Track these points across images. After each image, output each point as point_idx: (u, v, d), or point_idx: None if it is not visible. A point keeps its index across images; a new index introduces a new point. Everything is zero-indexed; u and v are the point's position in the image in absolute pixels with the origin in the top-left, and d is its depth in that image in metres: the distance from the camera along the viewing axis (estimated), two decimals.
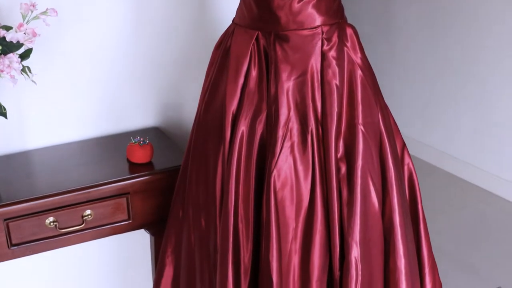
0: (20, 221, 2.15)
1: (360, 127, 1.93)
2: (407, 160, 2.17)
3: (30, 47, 2.07)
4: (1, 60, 2.00)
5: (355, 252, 1.94)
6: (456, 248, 3.58)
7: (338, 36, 1.93)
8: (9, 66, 2.01)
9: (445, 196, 4.11)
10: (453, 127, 4.34)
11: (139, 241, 2.73)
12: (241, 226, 1.95)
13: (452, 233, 3.71)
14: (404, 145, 2.17)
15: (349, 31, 1.95)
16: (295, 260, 1.99)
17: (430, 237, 2.30)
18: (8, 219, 2.13)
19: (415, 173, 2.19)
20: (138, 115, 2.60)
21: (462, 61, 4.20)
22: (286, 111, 1.90)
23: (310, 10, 1.89)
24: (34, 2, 2.04)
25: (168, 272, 2.20)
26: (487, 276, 3.34)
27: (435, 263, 2.24)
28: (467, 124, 4.25)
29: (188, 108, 2.65)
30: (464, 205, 4.02)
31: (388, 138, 2.01)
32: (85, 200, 2.21)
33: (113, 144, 2.50)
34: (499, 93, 4.01)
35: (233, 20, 2.04)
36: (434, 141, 4.50)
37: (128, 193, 2.26)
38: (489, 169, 4.14)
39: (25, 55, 2.09)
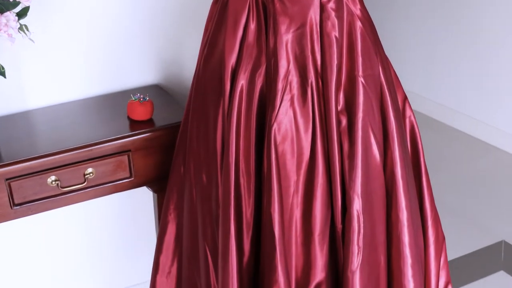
0: (21, 180, 2.15)
1: (360, 79, 1.91)
2: (408, 112, 2.16)
3: (27, 5, 2.06)
4: None
5: (357, 205, 1.94)
6: (459, 201, 3.58)
7: None
8: (6, 24, 2.00)
9: (447, 150, 4.10)
10: (456, 81, 4.32)
11: (142, 199, 2.74)
12: (242, 180, 1.95)
13: (455, 186, 3.71)
14: (405, 98, 2.15)
15: None
16: (297, 213, 1.99)
17: (433, 191, 2.30)
18: (9, 179, 2.13)
19: (417, 126, 2.18)
20: (138, 73, 2.59)
21: (464, 15, 4.17)
22: (286, 64, 1.89)
23: None
24: None
25: (171, 229, 2.21)
26: (490, 229, 3.35)
27: (438, 216, 2.24)
28: (470, 78, 4.22)
29: (188, 64, 2.64)
30: (467, 158, 4.01)
31: (389, 90, 2.00)
32: (86, 158, 2.21)
33: (113, 102, 2.49)
34: (502, 47, 3.98)
35: None
36: (437, 96, 4.48)
37: (129, 150, 2.25)
38: (493, 122, 4.12)
39: (22, 14, 2.08)
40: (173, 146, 2.26)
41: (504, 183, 3.73)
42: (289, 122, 1.91)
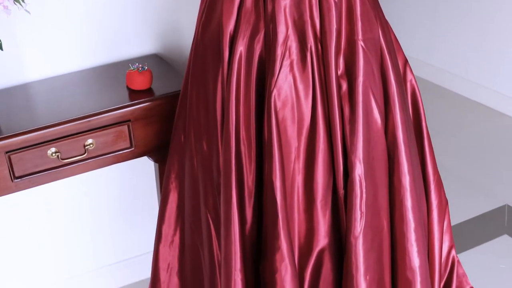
0: (22, 153, 2.14)
1: (360, 43, 1.90)
2: (409, 76, 2.14)
3: None
4: None
5: (358, 170, 1.93)
6: (462, 166, 3.57)
7: None
8: None
9: (450, 115, 4.09)
10: (457, 45, 4.30)
11: (143, 169, 2.73)
12: (243, 148, 1.94)
13: (457, 151, 3.70)
14: (406, 61, 2.14)
15: None
16: (299, 180, 1.98)
17: (436, 156, 2.29)
18: (9, 152, 2.12)
19: (418, 90, 2.17)
20: (136, 43, 2.57)
21: None
22: (284, 29, 1.87)
23: None
24: None
25: (173, 198, 2.20)
26: (493, 193, 3.34)
27: (441, 180, 2.23)
28: (472, 42, 4.20)
29: (187, 32, 2.61)
30: (469, 123, 4.00)
31: (389, 54, 1.98)
32: (86, 129, 2.20)
33: (112, 72, 2.47)
34: (503, 11, 3.95)
35: None
36: (438, 61, 4.45)
37: (129, 120, 2.24)
38: (494, 86, 4.10)
39: None
40: (173, 115, 2.25)
41: (507, 148, 3.72)
42: (289, 88, 1.90)
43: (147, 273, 2.70)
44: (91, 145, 2.21)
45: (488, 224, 3.15)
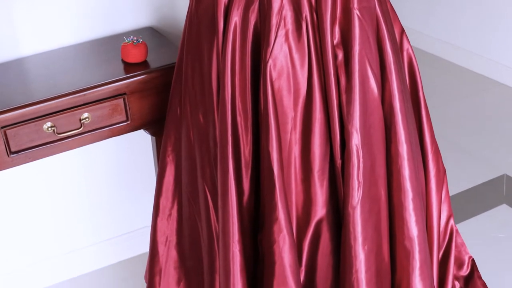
0: (17, 128, 2.13)
1: (356, 12, 1.88)
2: (406, 45, 2.12)
3: None
4: None
5: (355, 139, 1.92)
6: (460, 136, 3.57)
7: None
8: None
9: (448, 86, 4.08)
10: (453, 15, 4.27)
11: (140, 143, 2.72)
12: (239, 119, 1.93)
13: (456, 121, 3.70)
14: (402, 31, 2.12)
15: None
16: (296, 150, 1.97)
17: (433, 126, 2.28)
18: (5, 127, 2.12)
19: (415, 59, 2.15)
20: (130, 16, 2.55)
21: None
22: None
23: None
24: None
25: (170, 171, 2.19)
26: (492, 163, 3.34)
27: (438, 149, 2.22)
28: (467, 12, 4.17)
29: (181, 4, 2.60)
30: (466, 93, 3.99)
31: (385, 23, 1.96)
32: (81, 103, 2.19)
33: (107, 46, 2.46)
34: None
35: None
36: (434, 31, 4.43)
37: (125, 93, 2.23)
38: (490, 56, 4.09)
39: None
40: (169, 87, 2.24)
41: (505, 117, 3.71)
42: (285, 58, 1.88)
43: (146, 247, 2.70)
44: (87, 119, 2.20)
45: (487, 194, 3.15)
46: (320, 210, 2.02)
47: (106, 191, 2.78)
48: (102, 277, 2.81)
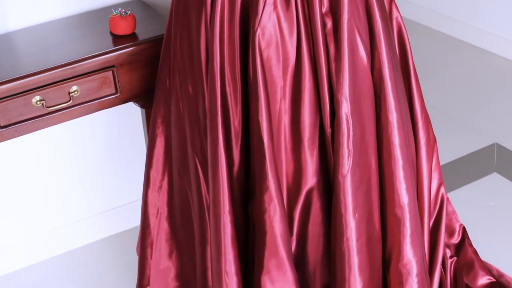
0: (6, 102, 2.12)
1: None
2: (395, 13, 2.11)
3: None
4: None
5: (345, 108, 1.91)
6: (450, 105, 3.57)
7: None
8: None
9: (438, 56, 4.07)
10: None
11: (130, 115, 2.72)
12: (228, 89, 1.92)
13: (445, 91, 3.69)
14: None
15: None
16: (285, 119, 1.97)
17: (424, 96, 2.28)
18: None
19: (405, 27, 2.14)
20: None
21: None
22: None
23: None
24: None
25: (160, 143, 2.19)
26: (482, 132, 3.34)
27: (429, 117, 2.22)
28: None
29: None
30: (456, 62, 3.98)
31: None
32: (70, 76, 2.18)
33: (95, 19, 2.44)
34: None
35: None
36: (425, 0, 4.41)
37: (114, 66, 2.22)
38: (482, 26, 4.08)
39: None
40: (157, 59, 2.23)
41: (495, 86, 3.71)
42: (273, 27, 1.87)
43: (138, 220, 2.70)
44: (76, 92, 2.19)
45: (478, 163, 3.16)
46: (310, 179, 2.02)
47: (97, 165, 2.77)
48: (94, 251, 2.81)
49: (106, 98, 2.25)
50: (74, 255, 2.80)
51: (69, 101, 2.19)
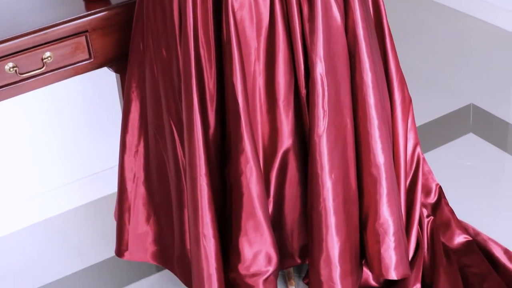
0: None
1: None
2: None
3: None
4: None
5: (319, 69, 1.91)
6: (426, 67, 3.57)
7: None
8: None
9: (414, 17, 4.06)
10: None
11: (105, 81, 2.70)
12: (202, 51, 1.92)
13: (420, 52, 3.69)
14: None
15: None
16: (260, 81, 1.97)
17: (400, 57, 2.28)
18: None
19: None
20: None
21: None
22: None
23: None
24: None
25: (135, 107, 2.18)
26: (459, 93, 3.35)
27: (404, 78, 2.23)
28: None
29: None
30: (431, 24, 3.97)
31: None
32: (43, 42, 2.16)
33: None
34: None
35: None
36: None
37: (87, 31, 2.20)
38: None
39: None
40: (131, 24, 2.21)
41: (471, 48, 3.72)
42: None
43: (116, 186, 2.69)
44: (49, 58, 2.18)
45: (454, 123, 3.17)
46: (286, 140, 2.02)
47: (73, 132, 2.76)
48: (73, 218, 2.81)
49: (80, 63, 2.23)
50: (53, 222, 2.80)
51: (42, 67, 2.17)
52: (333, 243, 2.04)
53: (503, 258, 2.39)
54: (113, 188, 2.81)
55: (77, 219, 2.81)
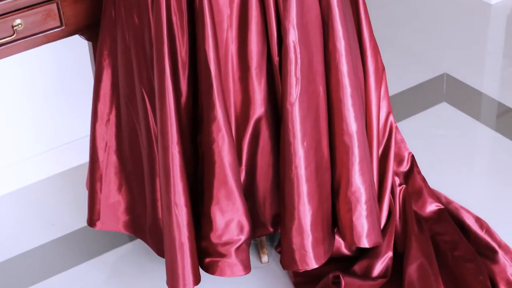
0: None
1: None
2: None
3: None
4: None
5: (292, 36, 1.91)
6: (401, 36, 3.57)
7: None
8: None
9: None
10: None
11: (77, 49, 2.67)
12: (174, 18, 1.90)
13: (394, 22, 3.68)
14: None
15: None
16: (232, 48, 1.96)
17: (374, 26, 2.27)
18: None
19: None
20: None
21: None
22: None
23: None
24: None
25: (107, 75, 2.16)
26: (432, 63, 3.36)
27: (377, 46, 2.22)
28: None
29: None
30: None
31: None
32: (13, 9, 2.13)
33: None
34: None
35: None
36: None
37: None
38: None
39: None
40: None
41: (445, 17, 3.72)
42: None
43: None
44: (20, 26, 2.15)
45: (427, 93, 3.18)
46: (258, 108, 2.02)
47: (46, 101, 2.73)
48: (47, 188, 2.79)
49: (51, 31, 2.21)
50: (26, 192, 2.78)
51: (13, 34, 2.15)
52: (305, 211, 2.04)
53: (475, 226, 2.41)
54: (87, 157, 2.79)
55: (50, 189, 2.79)
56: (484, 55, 3.42)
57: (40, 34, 2.20)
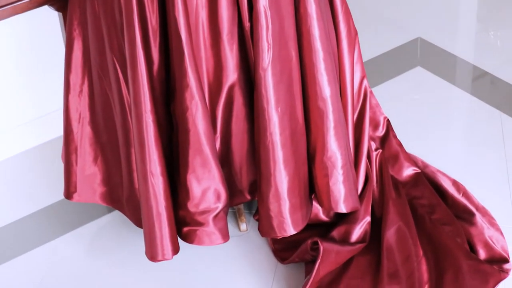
0: None
1: None
2: None
3: None
4: None
5: (263, 1, 1.89)
6: (373, 1, 3.55)
7: None
8: None
9: None
10: None
11: (47, 20, 2.65)
12: None
13: None
14: None
15: None
16: (203, 14, 1.94)
17: None
18: None
19: None
20: None
21: None
22: None
23: None
24: None
25: (78, 46, 2.13)
26: (406, 27, 3.35)
27: (349, 10, 2.21)
28: None
29: None
30: None
31: None
32: None
33: None
34: None
35: None
36: None
37: None
38: None
39: None
40: None
41: None
42: None
43: None
44: None
45: (401, 57, 3.18)
46: (231, 75, 2.01)
47: (18, 74, 2.71)
48: (23, 161, 2.77)
49: (19, 2, 2.17)
50: (1, 166, 2.76)
51: None
52: (282, 177, 2.04)
53: (452, 190, 2.42)
54: (61, 130, 2.77)
55: (26, 163, 2.77)
56: (458, 19, 3.42)
57: (8, 6, 2.17)
